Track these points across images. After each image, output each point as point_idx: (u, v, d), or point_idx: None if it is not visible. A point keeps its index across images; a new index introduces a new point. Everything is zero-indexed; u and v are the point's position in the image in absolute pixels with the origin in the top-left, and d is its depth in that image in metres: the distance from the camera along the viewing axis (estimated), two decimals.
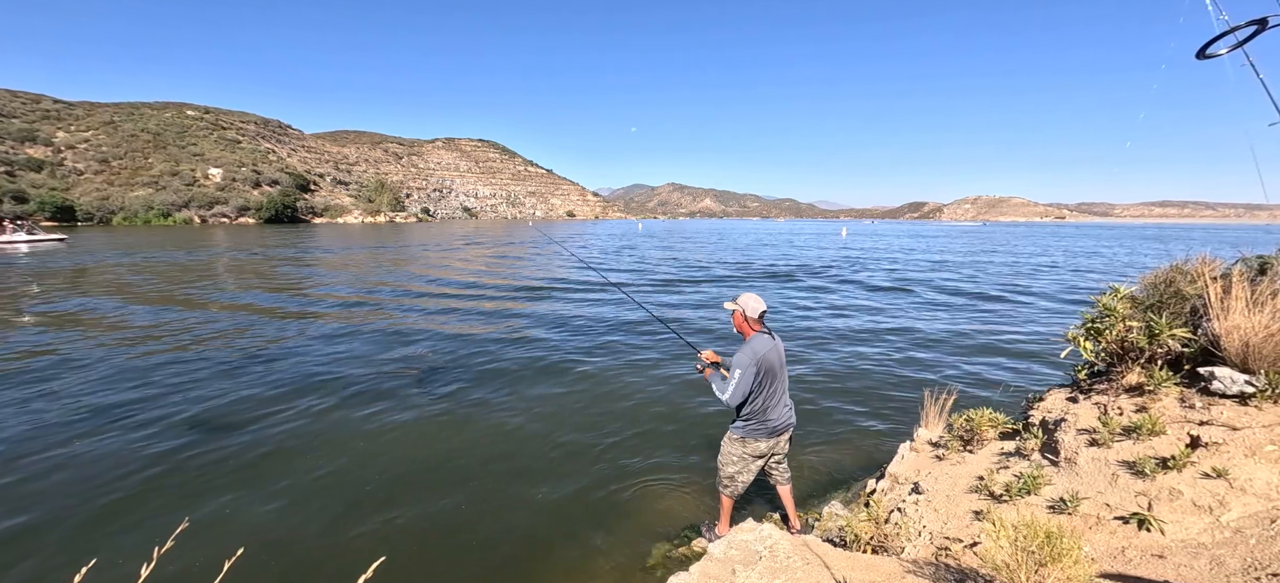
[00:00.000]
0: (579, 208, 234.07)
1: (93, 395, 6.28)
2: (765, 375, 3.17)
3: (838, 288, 16.52)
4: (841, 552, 2.54)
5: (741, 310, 3.29)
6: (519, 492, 4.31)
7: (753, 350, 3.14)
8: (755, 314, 3.26)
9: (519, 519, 3.95)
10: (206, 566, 3.31)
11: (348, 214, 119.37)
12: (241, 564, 1.05)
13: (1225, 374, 2.84)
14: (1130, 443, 2.77)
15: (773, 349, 3.22)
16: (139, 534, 3.75)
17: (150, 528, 3.82)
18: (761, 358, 3.13)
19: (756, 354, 3.13)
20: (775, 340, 3.29)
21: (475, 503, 4.13)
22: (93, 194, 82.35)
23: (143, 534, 3.76)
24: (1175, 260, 3.71)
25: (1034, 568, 1.68)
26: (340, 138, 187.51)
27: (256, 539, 3.57)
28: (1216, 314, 2.97)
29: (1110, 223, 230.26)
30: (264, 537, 3.66)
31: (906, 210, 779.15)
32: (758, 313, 3.26)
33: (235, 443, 5.08)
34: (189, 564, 3.28)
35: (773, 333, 3.31)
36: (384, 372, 7.38)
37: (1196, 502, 2.31)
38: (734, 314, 3.33)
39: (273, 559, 3.45)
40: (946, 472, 3.36)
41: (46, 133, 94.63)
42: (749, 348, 3.16)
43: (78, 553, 3.49)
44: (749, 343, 3.20)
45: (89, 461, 4.69)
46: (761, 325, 3.28)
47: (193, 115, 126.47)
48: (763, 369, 3.14)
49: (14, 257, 24.73)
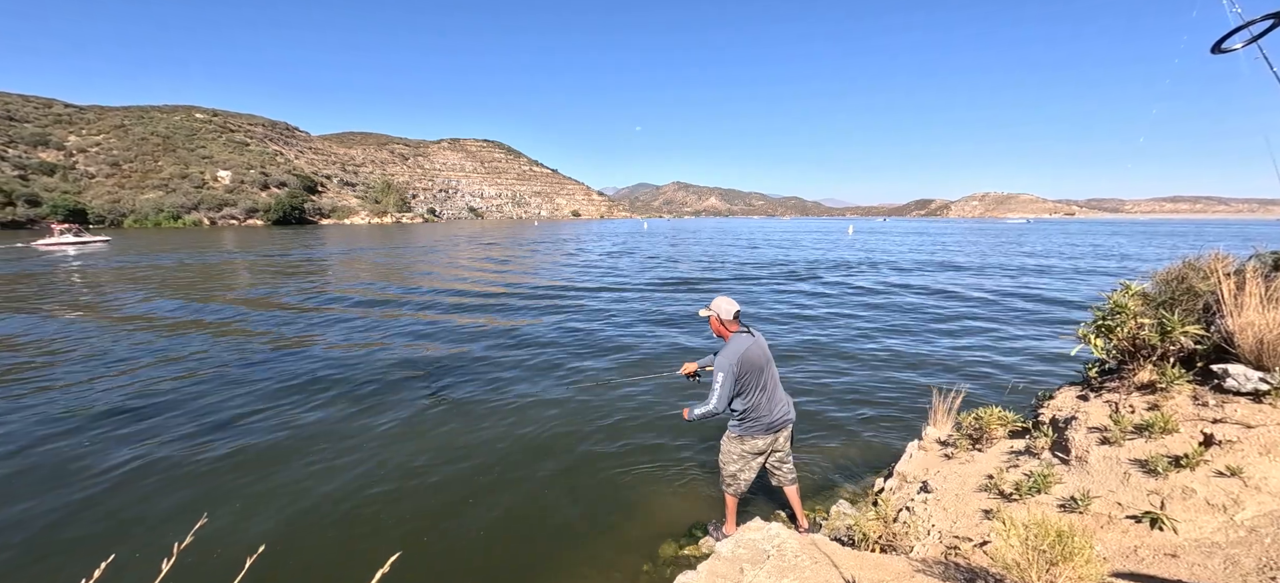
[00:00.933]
0: (584, 207, 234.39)
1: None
2: (751, 373, 3.18)
3: (841, 287, 16.45)
4: (849, 551, 2.53)
5: (716, 315, 3.31)
6: (527, 491, 4.33)
7: (732, 351, 3.15)
8: (730, 315, 3.27)
9: (527, 518, 3.97)
10: (225, 562, 3.35)
11: (354, 215, 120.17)
12: (261, 561, 1.06)
13: (1239, 371, 2.81)
14: (1142, 441, 2.74)
15: (753, 346, 3.22)
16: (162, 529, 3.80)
17: (172, 523, 3.88)
18: (742, 357, 3.14)
19: (736, 354, 3.14)
20: (756, 336, 3.30)
21: (484, 502, 4.15)
22: (104, 197, 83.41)
23: (166, 529, 3.81)
24: (1187, 256, 3.67)
25: (1045, 567, 1.67)
26: (347, 139, 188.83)
27: (274, 537, 3.61)
28: (1230, 311, 2.94)
29: (1120, 219, 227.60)
30: (283, 534, 3.71)
31: (913, 207, 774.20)
32: (732, 313, 3.28)
33: (258, 440, 5.16)
34: (206, 558, 3.33)
35: (752, 330, 3.32)
36: (398, 373, 7.43)
37: (1210, 501, 2.29)
38: (711, 320, 3.35)
39: (289, 556, 3.49)
40: (955, 471, 3.34)
41: (58, 137, 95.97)
42: (728, 350, 3.17)
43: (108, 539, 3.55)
44: (728, 345, 3.21)
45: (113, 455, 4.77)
46: (738, 325, 3.29)
47: (201, 118, 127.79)
48: (745, 368, 3.15)
49: (64, 257, 25.84)
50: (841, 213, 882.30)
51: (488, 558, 3.54)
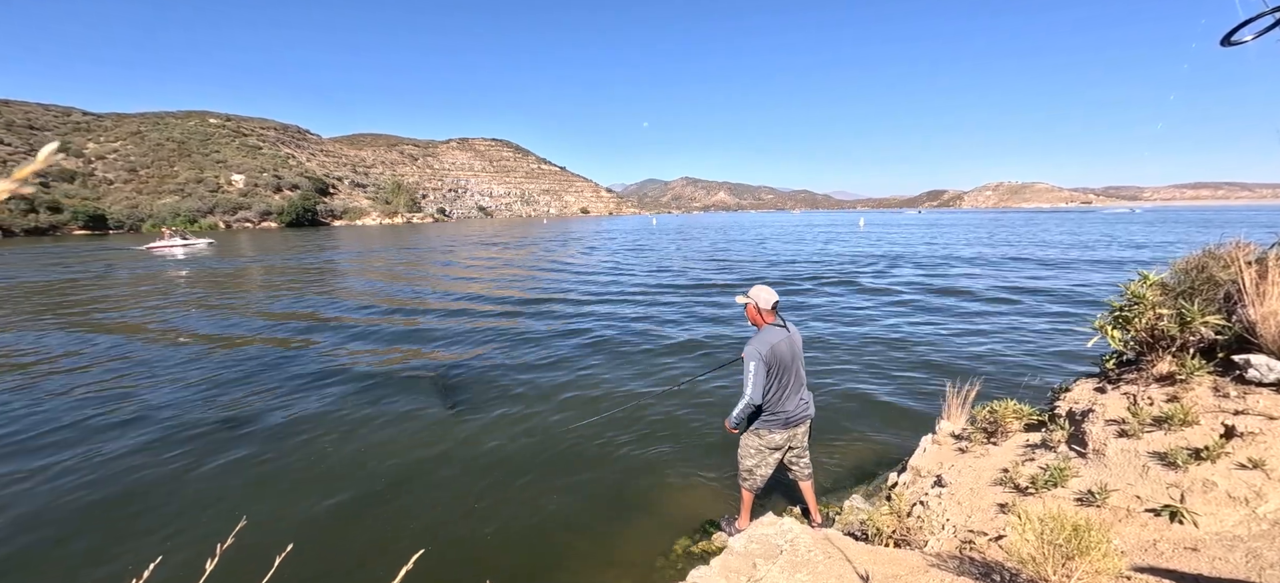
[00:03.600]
0: (593, 205, 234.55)
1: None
2: (778, 367, 3.16)
3: (844, 287, 16.33)
4: (863, 546, 2.53)
5: (754, 303, 3.28)
6: (542, 486, 4.37)
7: (763, 341, 3.13)
8: (768, 305, 3.25)
9: (541, 513, 4.01)
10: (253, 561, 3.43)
11: (366, 216, 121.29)
12: (290, 558, 1.09)
13: (1262, 362, 2.76)
14: (1161, 433, 2.71)
15: (785, 340, 3.20)
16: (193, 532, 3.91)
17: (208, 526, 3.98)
18: (772, 348, 3.12)
19: (766, 344, 3.12)
20: (790, 331, 3.27)
21: (500, 499, 4.20)
22: (123, 202, 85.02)
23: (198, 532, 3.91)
24: (1207, 245, 3.60)
25: (1061, 562, 1.66)
26: (357, 141, 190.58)
27: (303, 535, 3.70)
28: (1251, 300, 2.88)
29: (1139, 207, 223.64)
30: (310, 533, 3.80)
31: (925, 199, 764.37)
32: (770, 303, 3.25)
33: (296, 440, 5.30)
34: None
35: (787, 324, 3.29)
36: (415, 375, 7.53)
37: (1231, 493, 2.25)
38: (747, 308, 3.33)
39: (316, 555, 3.57)
40: (970, 464, 3.31)
41: (78, 144, 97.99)
42: (759, 339, 3.15)
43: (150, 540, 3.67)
44: (760, 334, 3.19)
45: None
46: (775, 316, 3.27)
47: (215, 123, 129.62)
48: (775, 360, 3.13)
49: (172, 259, 28.25)
50: (852, 206, 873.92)
51: (504, 553, 3.58)
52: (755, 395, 3.13)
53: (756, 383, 3.11)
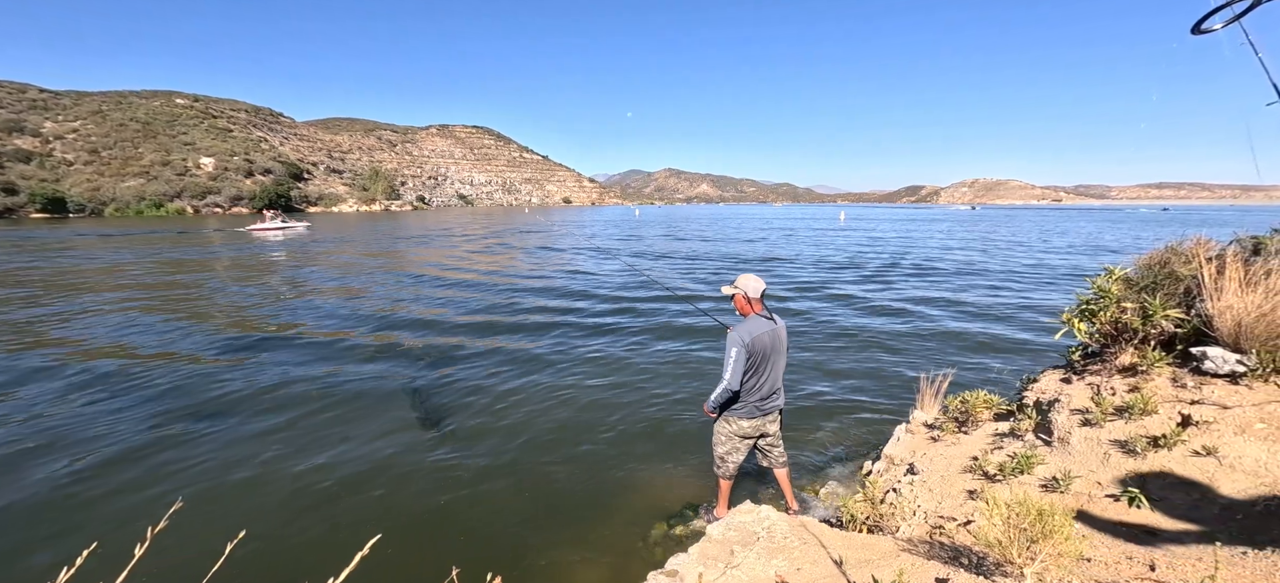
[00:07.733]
0: (575, 194, 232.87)
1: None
2: (758, 356, 3.17)
3: (835, 279, 16.55)
4: (838, 531, 2.58)
5: (742, 292, 3.28)
6: (519, 472, 4.35)
7: (747, 329, 3.15)
8: (757, 294, 3.25)
9: (518, 499, 3.99)
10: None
11: (342, 203, 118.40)
12: (241, 546, 1.06)
13: (1217, 354, 2.88)
14: (1123, 423, 2.81)
15: (769, 332, 3.21)
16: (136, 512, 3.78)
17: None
18: (754, 338, 3.13)
19: (749, 333, 3.13)
20: (775, 323, 3.28)
21: (474, 482, 4.17)
22: (83, 185, 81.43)
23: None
24: (1170, 242, 3.73)
25: (1026, 545, 1.71)
26: (333, 125, 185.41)
27: (254, 522, 3.61)
28: (1210, 294, 3.00)
29: (1107, 206, 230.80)
30: (263, 520, 3.71)
31: (904, 194, 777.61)
32: (758, 292, 3.26)
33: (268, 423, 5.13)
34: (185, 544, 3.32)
35: (774, 316, 3.30)
36: (387, 363, 7.40)
37: (1187, 479, 2.35)
38: (735, 297, 3.33)
39: (268, 543, 3.49)
40: (941, 453, 3.40)
41: (34, 123, 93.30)
42: (743, 328, 3.16)
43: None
44: (745, 322, 3.20)
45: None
46: (762, 306, 3.28)
47: (182, 104, 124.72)
48: (756, 349, 3.14)
49: (271, 242, 28.76)
50: (833, 199, 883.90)
51: (475, 535, 3.56)
52: (733, 381, 3.14)
53: (735, 369, 3.12)
